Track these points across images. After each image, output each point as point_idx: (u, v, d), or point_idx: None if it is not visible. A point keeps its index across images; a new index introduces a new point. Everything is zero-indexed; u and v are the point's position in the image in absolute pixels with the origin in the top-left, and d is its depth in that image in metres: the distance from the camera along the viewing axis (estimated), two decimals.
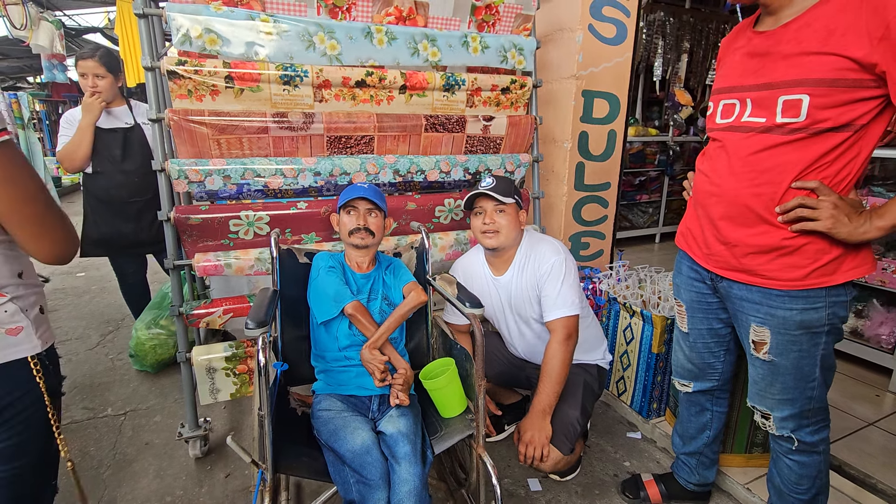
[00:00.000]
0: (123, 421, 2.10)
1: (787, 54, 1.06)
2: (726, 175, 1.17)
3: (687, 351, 1.47)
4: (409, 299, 1.45)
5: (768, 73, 1.09)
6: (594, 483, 1.74)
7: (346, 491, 1.17)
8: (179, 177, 1.57)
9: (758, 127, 1.11)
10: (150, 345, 2.38)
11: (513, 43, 1.96)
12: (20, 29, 4.87)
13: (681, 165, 4.86)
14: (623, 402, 2.14)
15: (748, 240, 1.16)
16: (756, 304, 1.19)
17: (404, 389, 1.34)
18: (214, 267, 1.66)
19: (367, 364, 1.35)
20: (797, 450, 1.26)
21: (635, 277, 2.23)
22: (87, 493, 1.77)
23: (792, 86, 1.04)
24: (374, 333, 1.36)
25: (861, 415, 2.08)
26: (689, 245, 1.36)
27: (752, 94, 1.12)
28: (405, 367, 1.38)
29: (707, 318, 1.39)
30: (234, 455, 1.85)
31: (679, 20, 4.50)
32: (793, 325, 1.15)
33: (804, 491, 1.29)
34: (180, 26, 1.48)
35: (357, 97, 1.76)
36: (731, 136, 1.17)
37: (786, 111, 1.05)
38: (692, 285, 1.38)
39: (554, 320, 1.52)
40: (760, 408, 1.28)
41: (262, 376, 1.09)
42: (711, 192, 1.21)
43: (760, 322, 1.20)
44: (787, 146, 1.07)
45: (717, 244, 1.23)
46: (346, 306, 1.36)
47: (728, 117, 1.18)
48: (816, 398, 1.21)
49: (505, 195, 1.54)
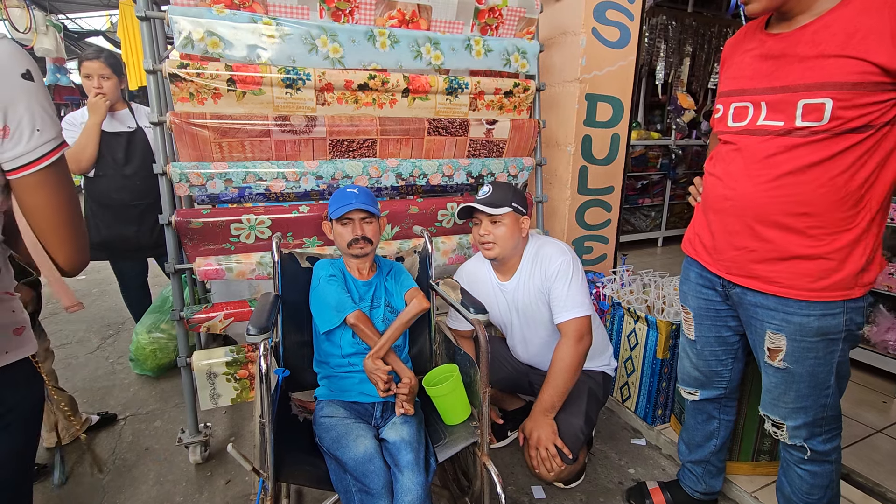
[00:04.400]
0: (123, 426, 2.08)
1: (804, 57, 1.04)
2: (742, 178, 1.15)
3: (694, 359, 1.45)
4: (412, 307, 1.43)
5: (784, 75, 1.07)
6: (599, 491, 1.71)
7: (348, 500, 1.15)
8: (181, 180, 1.56)
9: (776, 130, 1.09)
10: (151, 349, 2.37)
11: (516, 46, 1.95)
12: (24, 32, 4.88)
13: (683, 169, 4.84)
14: (627, 409, 2.12)
15: (765, 245, 1.13)
16: (771, 310, 1.17)
17: (409, 399, 1.32)
18: (216, 271, 1.65)
19: (370, 374, 1.33)
20: (809, 459, 1.24)
21: (639, 282, 2.21)
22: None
23: (813, 89, 1.02)
24: (377, 343, 1.34)
25: (868, 422, 2.06)
26: (697, 251, 1.34)
27: (767, 97, 1.10)
28: (410, 377, 1.36)
29: (715, 325, 1.36)
30: (234, 461, 1.83)
31: (681, 24, 4.49)
32: (810, 331, 1.13)
33: (816, 501, 1.27)
34: (182, 29, 1.47)
35: (359, 100, 1.75)
36: (746, 139, 1.15)
37: (807, 115, 1.03)
38: (700, 292, 1.36)
39: (566, 322, 1.49)
40: (773, 417, 1.25)
41: (263, 383, 1.08)
42: (726, 197, 1.19)
43: (776, 329, 1.17)
44: (808, 147, 1.05)
45: (730, 249, 1.21)
46: (349, 316, 1.34)
47: (741, 120, 1.16)
48: (830, 406, 1.19)
49: (499, 205, 1.49)
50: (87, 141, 2.08)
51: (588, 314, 1.50)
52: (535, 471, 1.47)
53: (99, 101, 2.07)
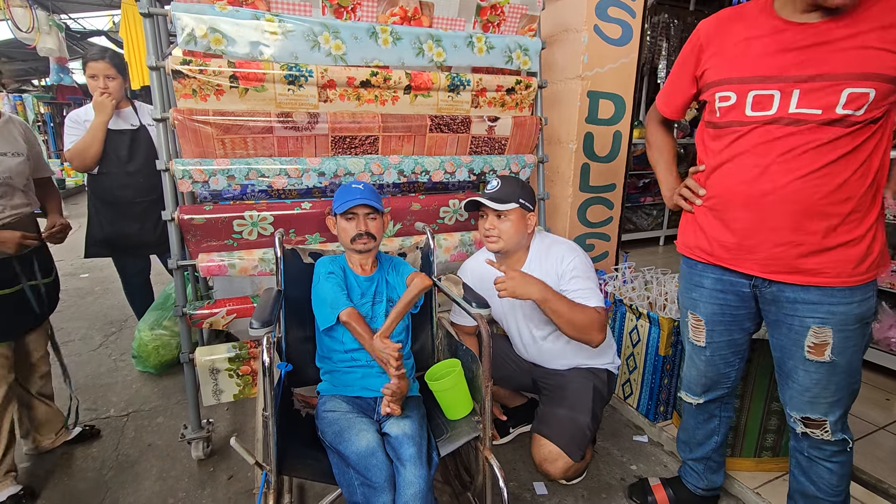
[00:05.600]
0: (126, 422, 2.09)
1: (844, 45, 1.03)
2: (783, 172, 1.11)
3: (702, 366, 1.41)
4: (414, 284, 1.42)
5: (822, 63, 1.05)
6: (601, 487, 1.71)
7: (350, 493, 1.15)
8: (184, 176, 1.57)
9: (815, 119, 1.06)
10: (153, 346, 2.37)
11: (518, 43, 1.95)
12: (27, 32, 4.90)
13: (685, 168, 4.84)
14: (629, 406, 2.12)
15: (812, 237, 1.11)
16: (814, 304, 1.15)
17: (394, 400, 1.28)
18: (218, 267, 1.65)
19: (379, 354, 1.28)
20: (842, 451, 1.22)
21: (641, 279, 2.21)
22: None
23: (860, 79, 1.02)
24: (384, 323, 1.33)
25: (871, 419, 2.05)
26: (715, 255, 1.27)
27: (802, 84, 1.07)
28: (399, 379, 1.30)
29: (729, 329, 1.34)
30: (236, 457, 1.84)
31: (683, 22, 4.49)
32: (851, 319, 1.13)
33: (841, 492, 1.26)
34: (185, 26, 1.48)
35: (362, 97, 1.76)
36: (779, 129, 1.10)
37: (849, 103, 1.03)
38: (717, 298, 1.31)
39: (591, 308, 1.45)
40: (815, 416, 1.21)
41: (266, 376, 1.08)
42: (765, 191, 1.13)
43: (821, 322, 1.15)
44: (847, 139, 1.06)
45: (770, 246, 1.16)
46: (341, 313, 1.33)
47: (766, 109, 1.11)
48: (856, 392, 1.19)
49: (507, 200, 1.50)
50: (93, 139, 2.09)
51: (606, 309, 1.49)
52: (540, 468, 1.47)
53: (105, 100, 2.08)
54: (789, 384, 1.25)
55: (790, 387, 1.24)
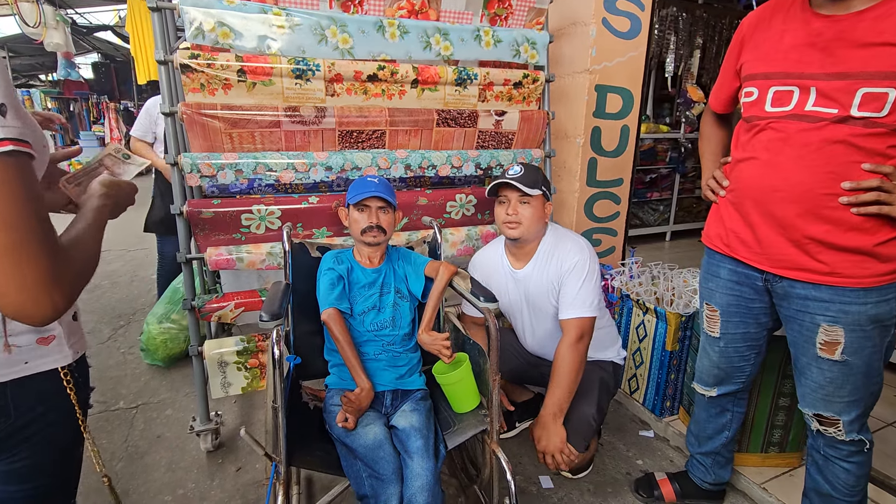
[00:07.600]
0: (135, 414, 2.11)
1: (865, 43, 1.00)
2: (794, 169, 1.10)
3: (716, 357, 1.41)
4: (441, 275, 1.46)
5: (841, 61, 1.03)
6: (607, 481, 1.72)
7: (358, 485, 1.16)
8: (192, 170, 1.57)
9: (829, 117, 1.05)
10: (162, 339, 2.40)
11: (525, 37, 1.94)
12: (33, 27, 4.91)
13: (692, 163, 4.80)
14: (635, 401, 2.12)
15: (827, 236, 1.09)
16: (825, 302, 1.13)
17: (351, 410, 1.23)
18: (227, 261, 1.66)
19: (429, 348, 1.38)
20: (859, 451, 1.21)
21: (648, 274, 2.20)
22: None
23: (877, 78, 0.99)
24: (423, 317, 1.38)
25: (879, 415, 2.04)
26: (732, 247, 1.28)
27: (819, 82, 1.05)
28: (360, 388, 1.28)
29: (744, 321, 1.33)
30: (245, 449, 1.85)
31: (692, 15, 4.44)
32: (866, 320, 1.11)
33: (858, 492, 1.25)
34: (193, 19, 1.47)
35: (369, 91, 1.75)
36: (793, 125, 1.10)
37: (865, 104, 1.01)
38: (732, 289, 1.32)
39: (568, 319, 1.49)
40: (827, 413, 1.21)
41: (276, 368, 1.09)
42: (776, 188, 1.13)
43: (832, 321, 1.14)
44: (866, 139, 1.03)
45: (779, 242, 1.16)
46: (322, 313, 1.35)
47: (784, 105, 1.11)
48: (877, 393, 1.18)
49: (532, 186, 1.49)
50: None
51: (593, 315, 1.49)
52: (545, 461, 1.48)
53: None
54: (803, 381, 1.24)
55: (804, 383, 1.24)
